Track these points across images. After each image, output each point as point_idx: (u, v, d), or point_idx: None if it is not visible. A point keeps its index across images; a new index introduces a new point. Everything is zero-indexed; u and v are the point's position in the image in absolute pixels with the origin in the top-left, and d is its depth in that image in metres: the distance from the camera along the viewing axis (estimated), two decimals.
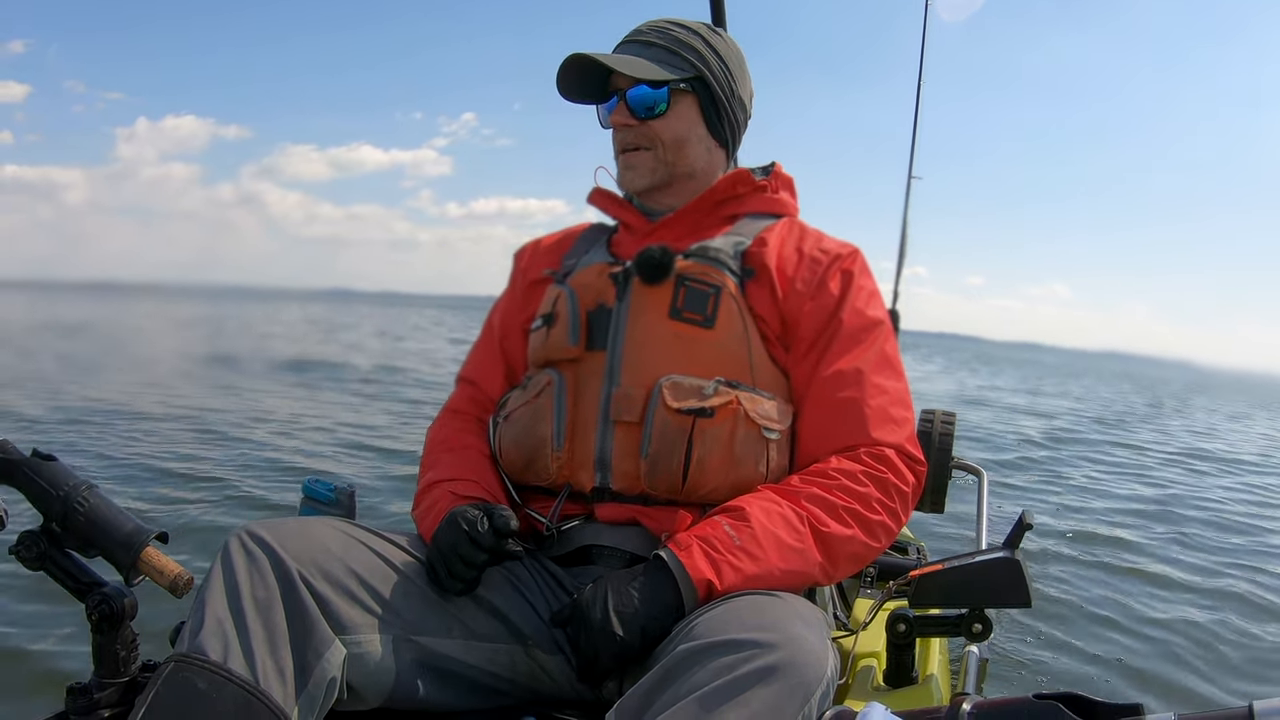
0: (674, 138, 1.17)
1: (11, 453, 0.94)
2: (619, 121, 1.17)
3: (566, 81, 1.17)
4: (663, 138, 1.17)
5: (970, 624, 1.06)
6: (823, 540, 0.99)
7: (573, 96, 1.19)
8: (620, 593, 0.92)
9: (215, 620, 0.84)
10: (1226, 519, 5.46)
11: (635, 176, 1.19)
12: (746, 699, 0.74)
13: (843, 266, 1.17)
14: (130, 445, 5.44)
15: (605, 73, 1.17)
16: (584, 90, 1.19)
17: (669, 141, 1.17)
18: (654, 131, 1.17)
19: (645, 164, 1.18)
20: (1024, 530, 1.05)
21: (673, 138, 1.17)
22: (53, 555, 0.95)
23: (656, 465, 1.06)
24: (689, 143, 1.19)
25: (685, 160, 1.19)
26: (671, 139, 1.17)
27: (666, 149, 1.17)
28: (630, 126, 1.17)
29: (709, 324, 1.11)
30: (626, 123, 1.16)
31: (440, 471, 1.14)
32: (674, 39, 1.17)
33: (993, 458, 7.07)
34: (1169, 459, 8.48)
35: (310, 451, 5.66)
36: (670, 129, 1.17)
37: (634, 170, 1.19)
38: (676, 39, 1.17)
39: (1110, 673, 2.77)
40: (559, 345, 1.15)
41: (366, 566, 0.96)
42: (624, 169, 1.20)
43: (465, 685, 0.99)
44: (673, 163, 1.19)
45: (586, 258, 1.23)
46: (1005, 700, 0.72)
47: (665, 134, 1.17)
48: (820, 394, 1.11)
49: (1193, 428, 12.81)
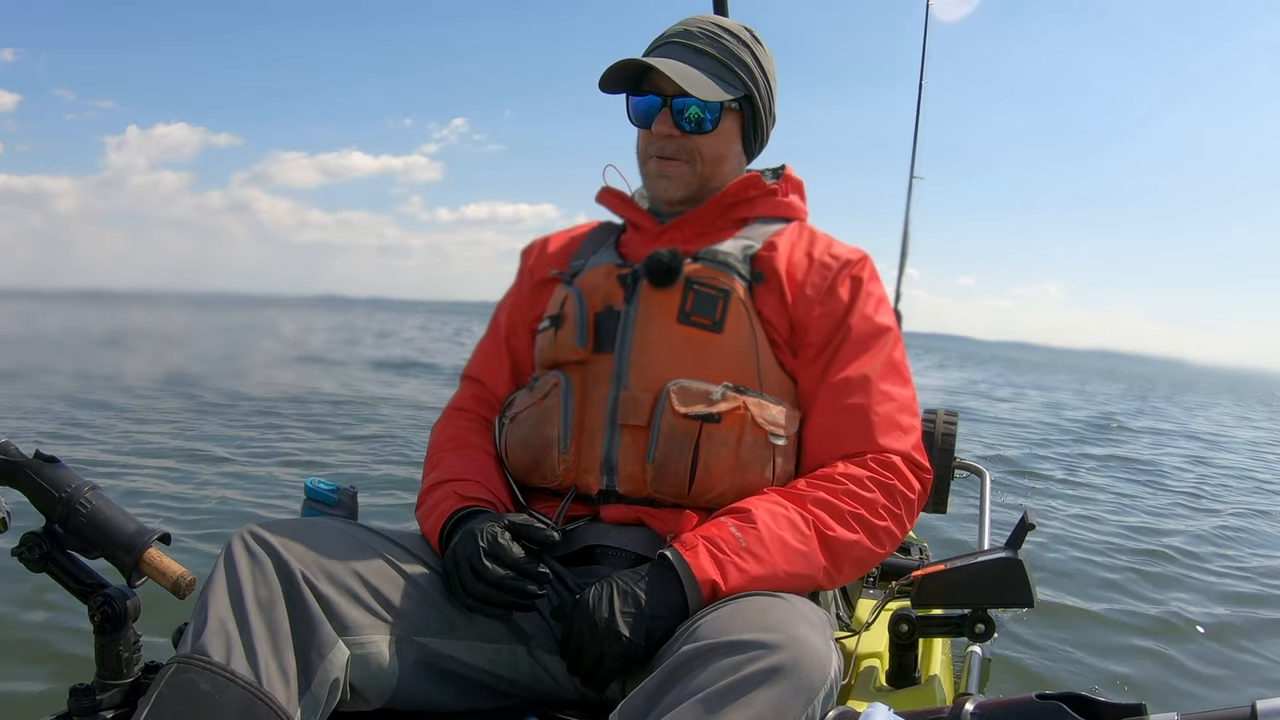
0: (714, 155, 1.16)
1: (14, 454, 0.94)
2: (663, 132, 1.14)
3: (616, 77, 1.14)
4: (704, 153, 1.16)
5: (973, 624, 1.06)
6: (828, 544, 0.99)
7: (613, 88, 1.17)
8: (626, 593, 0.92)
9: (218, 621, 0.84)
10: (1227, 518, 5.45)
11: (670, 187, 1.17)
12: (751, 700, 0.74)
13: (852, 273, 1.17)
14: (132, 445, 5.45)
15: (644, 65, 1.13)
16: (624, 82, 1.16)
17: (709, 158, 1.16)
18: (695, 146, 1.15)
19: (681, 176, 1.17)
20: (1026, 530, 1.05)
21: (713, 155, 1.16)
22: (55, 557, 0.94)
23: (663, 469, 1.06)
24: (726, 160, 1.18)
25: (720, 176, 1.19)
26: (711, 156, 1.16)
27: (705, 164, 1.16)
28: (673, 138, 1.15)
29: (717, 328, 1.10)
30: (670, 133, 1.14)
31: (444, 471, 1.14)
32: (727, 50, 1.14)
33: (987, 453, 7.08)
34: (1167, 455, 8.49)
35: (311, 451, 5.66)
36: (712, 147, 1.16)
37: (669, 180, 1.17)
38: (730, 51, 1.15)
39: (1113, 672, 2.76)
40: (566, 347, 1.15)
41: (369, 567, 0.95)
42: (656, 176, 1.18)
43: (468, 686, 0.99)
44: (708, 178, 1.18)
45: (594, 259, 1.22)
46: (1008, 700, 0.72)
47: (707, 151, 1.16)
48: (828, 400, 1.11)
49: (1187, 423, 12.83)
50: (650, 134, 1.17)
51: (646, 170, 1.20)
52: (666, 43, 1.16)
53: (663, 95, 1.14)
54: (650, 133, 1.16)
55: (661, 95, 1.14)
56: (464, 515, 1.05)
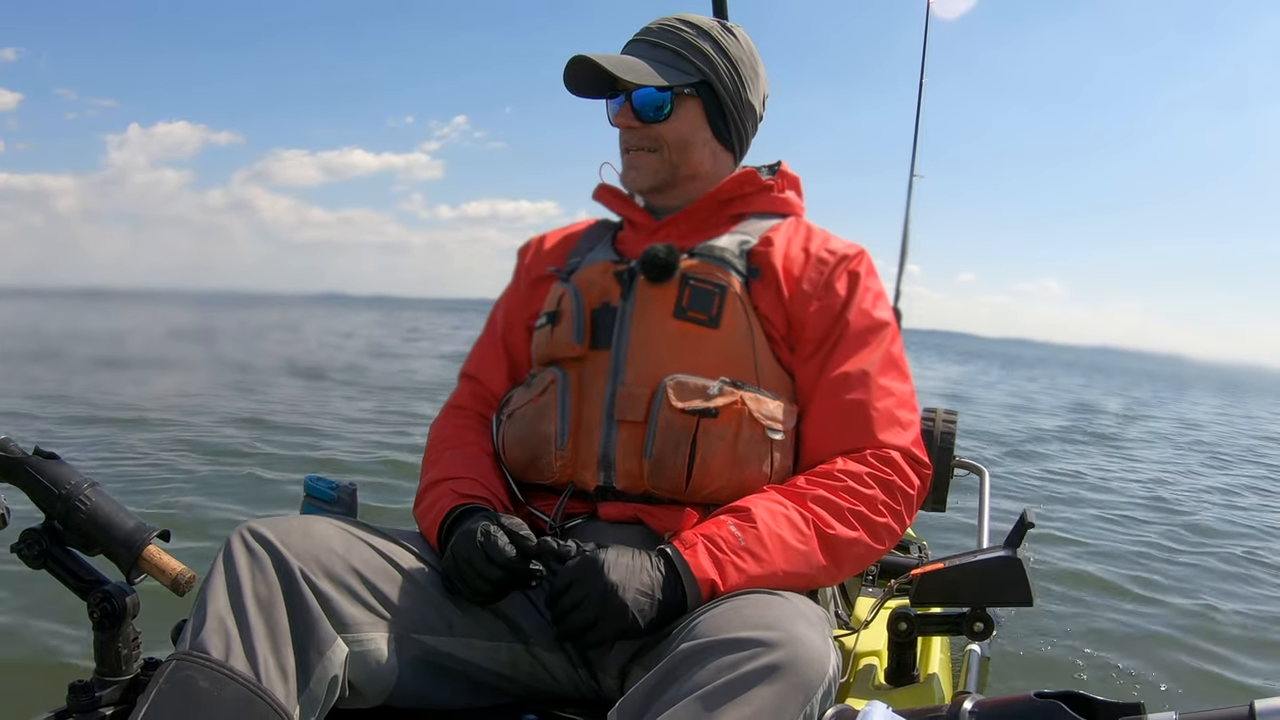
0: (678, 141, 1.17)
1: (13, 450, 0.94)
2: (623, 123, 1.17)
3: (575, 79, 1.17)
4: (667, 140, 1.17)
5: (972, 622, 1.06)
6: (827, 543, 0.99)
7: (581, 92, 1.19)
8: (643, 571, 0.91)
9: (217, 618, 0.84)
10: (1227, 518, 5.45)
11: (638, 176, 1.20)
12: (749, 698, 0.74)
13: (849, 267, 1.17)
14: (132, 445, 5.45)
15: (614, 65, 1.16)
16: (592, 86, 1.18)
17: (673, 144, 1.17)
18: (658, 134, 1.17)
19: (649, 165, 1.18)
20: (1025, 529, 1.05)
21: (677, 141, 1.17)
22: (55, 553, 0.95)
23: (660, 465, 1.06)
24: (693, 146, 1.18)
25: (689, 163, 1.19)
26: (676, 142, 1.17)
27: (671, 151, 1.17)
28: (634, 129, 1.17)
29: (714, 323, 1.10)
30: (630, 124, 1.17)
31: (442, 470, 1.14)
32: (682, 40, 1.16)
33: (985, 449, 7.08)
34: (1162, 452, 8.49)
35: (312, 449, 5.67)
36: (674, 132, 1.17)
37: (637, 170, 1.19)
38: (684, 40, 1.16)
39: (1112, 671, 2.76)
40: (563, 343, 1.15)
41: (368, 565, 0.95)
42: (628, 168, 1.20)
43: (466, 683, 1.00)
44: (677, 165, 1.19)
45: (591, 255, 1.23)
46: (1007, 699, 0.72)
47: (670, 137, 1.17)
48: (826, 395, 1.11)
49: (1185, 420, 12.84)
50: (621, 131, 1.19)
51: (623, 165, 1.22)
52: (631, 43, 1.19)
53: (626, 91, 1.16)
54: (620, 130, 1.19)
55: (626, 91, 1.16)
56: (462, 513, 1.05)
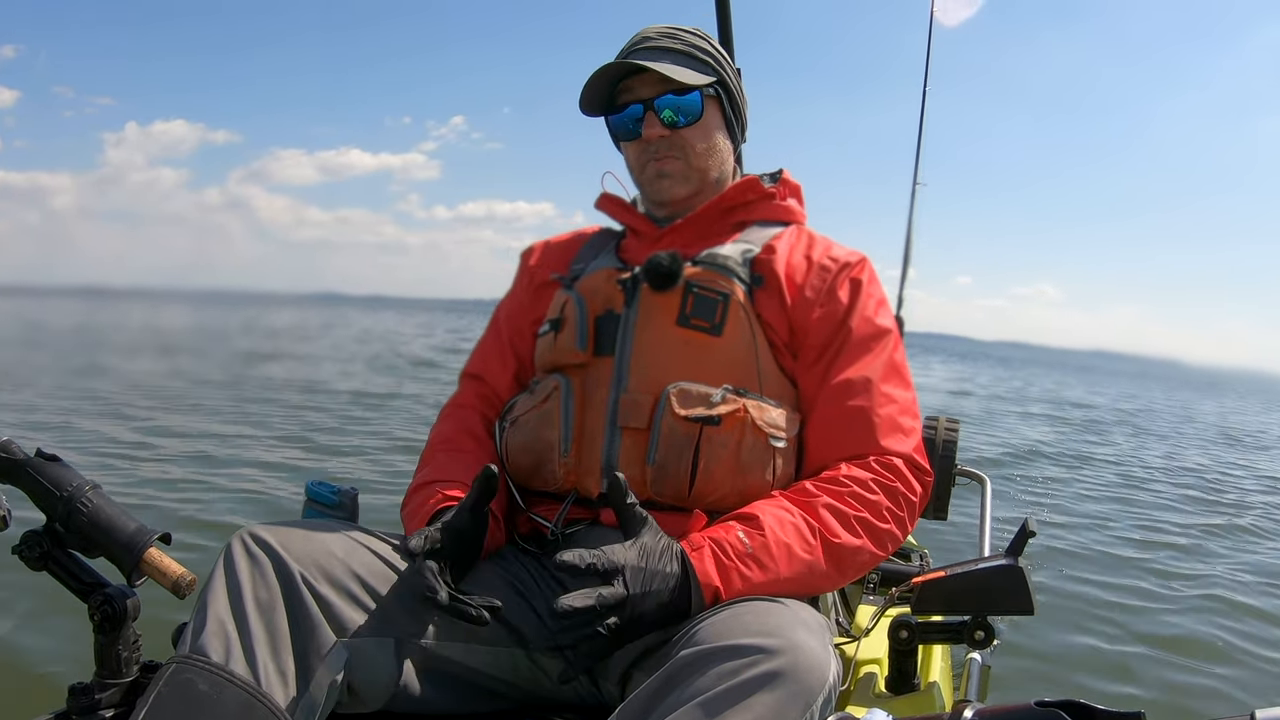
0: (705, 145, 1.17)
1: (15, 452, 0.94)
2: (653, 134, 1.15)
3: (589, 95, 1.16)
4: (694, 146, 1.16)
5: (973, 631, 1.06)
6: (832, 551, 0.99)
7: (594, 109, 1.18)
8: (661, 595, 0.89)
9: (217, 621, 0.84)
10: (1227, 521, 5.44)
11: (673, 184, 1.18)
12: (749, 704, 0.74)
13: (851, 275, 1.17)
14: (133, 445, 5.45)
15: (613, 84, 1.17)
16: (594, 103, 1.18)
17: (700, 149, 1.17)
18: (685, 140, 1.16)
19: (680, 172, 1.17)
20: (1026, 538, 1.05)
21: (704, 145, 1.17)
22: (56, 555, 0.95)
23: (663, 472, 1.06)
24: (716, 148, 1.19)
25: (715, 167, 1.19)
26: (703, 146, 1.17)
27: (698, 156, 1.17)
28: (664, 137, 1.16)
29: (717, 331, 1.10)
30: (661, 134, 1.15)
31: (432, 472, 1.13)
32: (689, 43, 1.16)
33: (985, 457, 7.07)
34: (1164, 458, 8.47)
35: (313, 452, 5.66)
36: (701, 136, 1.17)
37: (670, 179, 1.18)
38: (691, 43, 1.17)
39: (1113, 680, 2.76)
40: (567, 351, 1.15)
41: (369, 569, 0.95)
42: (657, 178, 1.18)
43: (466, 688, 0.99)
44: (705, 170, 1.19)
45: (595, 263, 1.23)
46: (1007, 707, 0.72)
47: (698, 142, 1.16)
48: (829, 402, 1.11)
49: (1185, 424, 12.82)
50: (640, 144, 1.18)
51: (644, 177, 1.20)
52: (630, 54, 1.17)
53: (643, 102, 1.15)
54: (639, 143, 1.17)
55: (642, 102, 1.15)
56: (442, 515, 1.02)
